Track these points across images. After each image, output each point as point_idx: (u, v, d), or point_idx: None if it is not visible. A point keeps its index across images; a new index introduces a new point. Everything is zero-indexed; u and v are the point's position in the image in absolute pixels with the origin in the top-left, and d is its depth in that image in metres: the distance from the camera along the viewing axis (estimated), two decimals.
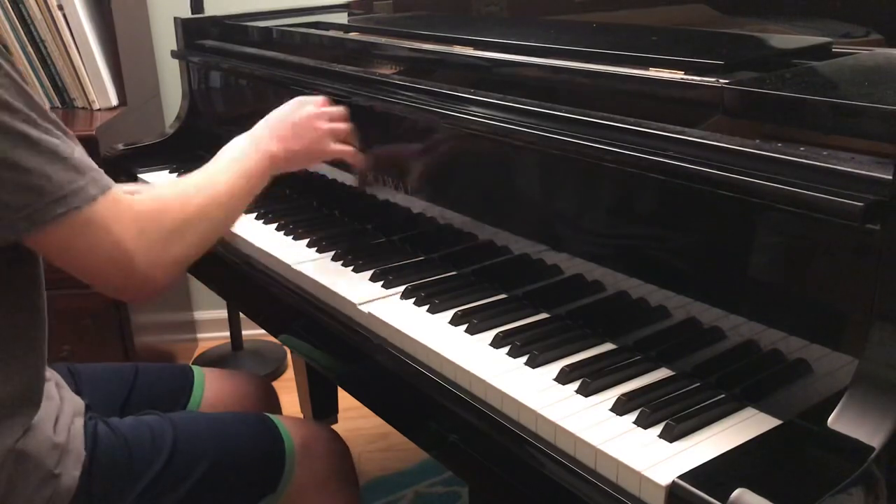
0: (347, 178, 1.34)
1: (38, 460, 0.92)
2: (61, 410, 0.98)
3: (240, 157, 1.06)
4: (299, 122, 1.14)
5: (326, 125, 1.16)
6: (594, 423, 0.78)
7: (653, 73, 0.95)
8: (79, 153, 0.86)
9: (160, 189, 0.97)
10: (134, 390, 1.20)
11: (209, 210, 0.98)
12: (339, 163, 1.36)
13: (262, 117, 1.63)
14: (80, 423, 0.99)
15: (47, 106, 2.02)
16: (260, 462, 1.07)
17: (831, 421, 0.67)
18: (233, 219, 1.05)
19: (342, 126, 1.19)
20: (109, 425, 1.02)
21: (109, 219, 0.87)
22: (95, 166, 0.88)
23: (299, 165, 1.16)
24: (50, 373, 1.03)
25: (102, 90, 2.03)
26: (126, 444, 1.00)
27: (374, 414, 1.10)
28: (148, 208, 0.92)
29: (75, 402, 1.02)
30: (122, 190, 0.91)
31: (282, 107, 1.17)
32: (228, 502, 1.05)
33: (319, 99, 1.19)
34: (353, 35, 1.51)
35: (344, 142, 1.19)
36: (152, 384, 1.23)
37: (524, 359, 0.89)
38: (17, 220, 0.82)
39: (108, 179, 0.88)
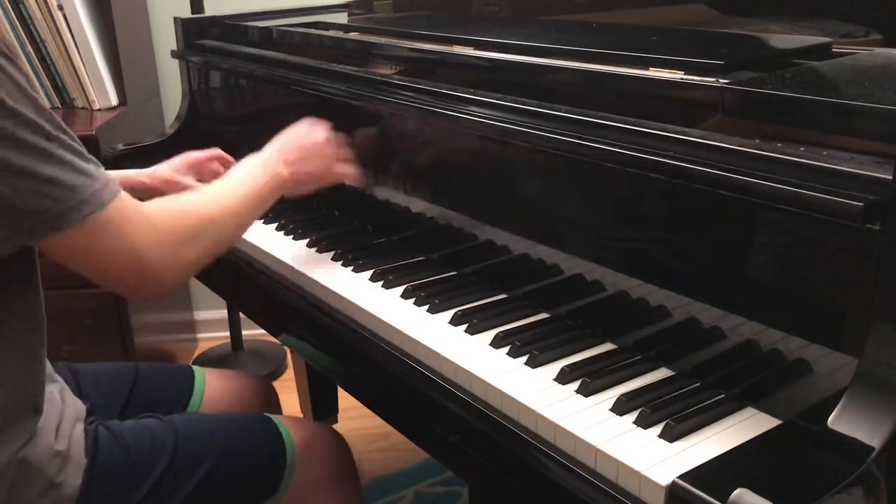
0: (347, 178, 1.34)
1: (40, 469, 0.92)
2: (63, 416, 0.98)
3: (250, 175, 1.10)
4: (307, 146, 1.17)
5: (332, 150, 1.20)
6: (594, 423, 0.78)
7: (653, 73, 0.95)
8: (87, 157, 0.88)
9: (173, 197, 1.01)
10: (135, 390, 1.20)
11: (220, 220, 1.01)
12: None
13: (261, 117, 1.64)
14: (80, 428, 0.99)
15: (48, 105, 2.03)
16: (261, 463, 1.07)
17: (831, 421, 0.67)
18: (241, 231, 1.08)
19: (347, 151, 1.22)
20: (110, 429, 1.01)
21: (125, 222, 0.89)
22: (104, 171, 0.89)
23: (306, 187, 1.18)
24: (55, 377, 1.03)
25: (102, 90, 2.03)
26: (126, 449, 1.00)
27: (374, 414, 1.10)
28: (163, 213, 0.95)
29: (77, 407, 1.02)
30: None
31: (291, 129, 1.19)
32: None
33: (327, 125, 1.21)
34: (353, 35, 1.51)
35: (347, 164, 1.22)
36: (153, 384, 1.23)
37: (524, 359, 0.89)
38: (36, 225, 0.83)
39: (116, 183, 0.90)
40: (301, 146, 1.17)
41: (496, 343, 0.93)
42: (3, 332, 0.91)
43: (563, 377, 0.85)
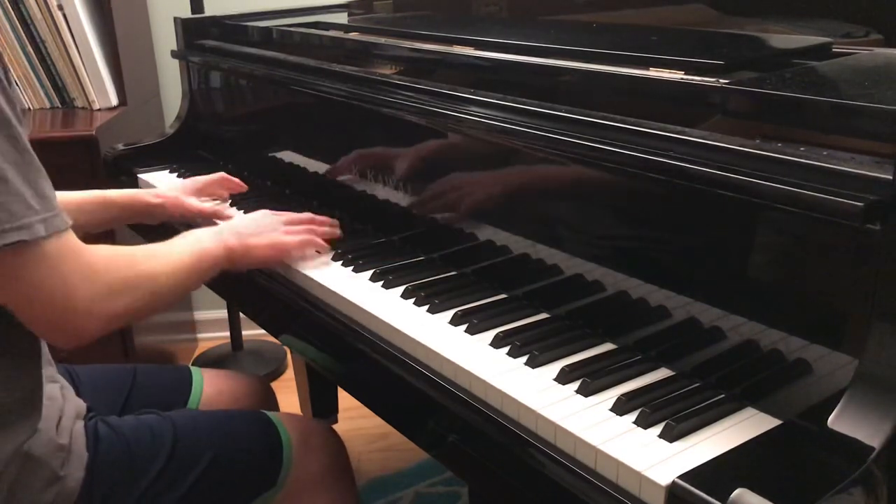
0: (347, 178, 1.35)
1: (44, 462, 0.93)
2: (64, 412, 0.99)
3: (197, 240, 1.08)
4: (260, 220, 1.19)
5: (287, 226, 1.19)
6: (594, 423, 0.78)
7: (653, 73, 0.95)
8: (40, 188, 0.86)
9: (115, 247, 0.98)
10: (133, 392, 1.21)
11: (157, 277, 0.98)
12: (337, 162, 1.37)
13: (261, 117, 1.64)
14: (81, 425, 1.00)
15: (47, 105, 2.02)
16: (259, 458, 1.08)
17: (831, 421, 0.67)
18: (178, 293, 1.04)
19: (303, 216, 1.23)
20: (109, 425, 1.02)
21: (60, 258, 0.87)
22: (55, 205, 0.87)
23: (258, 259, 1.16)
24: (57, 377, 1.04)
25: (102, 90, 2.03)
26: (127, 443, 1.00)
27: (374, 414, 1.10)
28: (100, 258, 0.92)
29: (77, 405, 1.03)
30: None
31: (247, 214, 1.22)
32: (228, 498, 1.05)
33: (286, 216, 1.22)
34: (353, 35, 1.51)
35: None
36: (151, 386, 1.24)
37: (524, 359, 0.89)
38: None
39: (63, 221, 0.88)
40: (254, 219, 1.19)
41: (496, 343, 0.93)
42: (6, 332, 0.92)
43: (563, 377, 0.85)
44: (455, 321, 0.98)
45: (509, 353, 0.91)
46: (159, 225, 1.41)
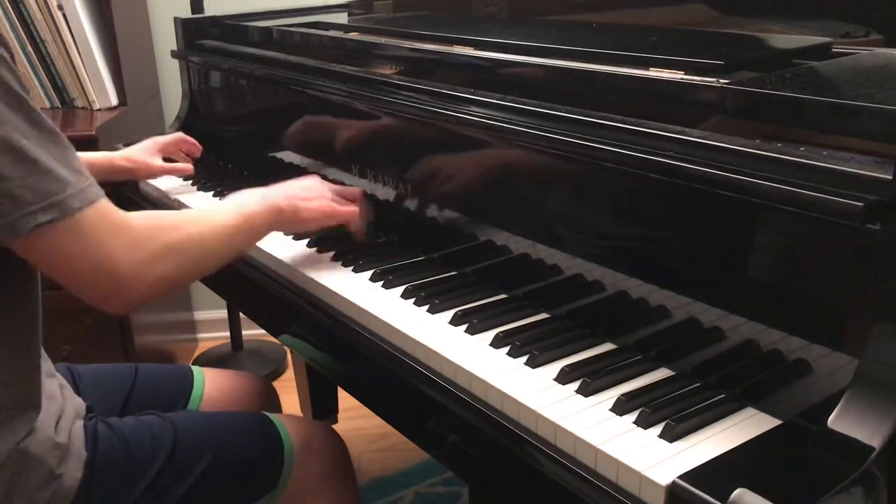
0: (347, 179, 1.35)
1: (41, 460, 0.93)
2: (63, 411, 0.98)
3: (245, 202, 1.09)
4: (310, 185, 1.19)
5: (335, 189, 1.21)
6: (594, 423, 0.78)
7: (653, 73, 0.95)
8: (68, 162, 0.86)
9: (155, 212, 0.99)
10: (133, 391, 1.21)
11: (202, 238, 0.99)
12: (339, 163, 1.37)
13: (261, 117, 1.64)
14: (80, 424, 1.00)
15: (47, 105, 2.03)
16: (259, 460, 1.08)
17: (831, 421, 0.67)
18: (225, 255, 1.04)
19: (353, 190, 1.24)
20: (109, 425, 1.02)
21: (98, 228, 0.87)
22: (86, 177, 0.88)
23: (306, 223, 1.16)
24: (55, 373, 1.04)
25: (102, 90, 2.03)
26: (126, 444, 1.00)
27: (374, 414, 1.10)
28: (142, 224, 0.93)
29: (76, 404, 1.03)
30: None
31: (299, 178, 1.21)
32: (228, 501, 1.05)
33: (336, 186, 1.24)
34: (353, 35, 1.51)
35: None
36: (152, 385, 1.24)
37: (524, 359, 0.89)
38: None
39: (96, 191, 0.88)
40: (305, 185, 1.18)
41: (496, 343, 0.93)
42: (6, 328, 0.92)
43: (563, 377, 0.85)
44: (455, 321, 0.98)
45: (509, 353, 0.91)
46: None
